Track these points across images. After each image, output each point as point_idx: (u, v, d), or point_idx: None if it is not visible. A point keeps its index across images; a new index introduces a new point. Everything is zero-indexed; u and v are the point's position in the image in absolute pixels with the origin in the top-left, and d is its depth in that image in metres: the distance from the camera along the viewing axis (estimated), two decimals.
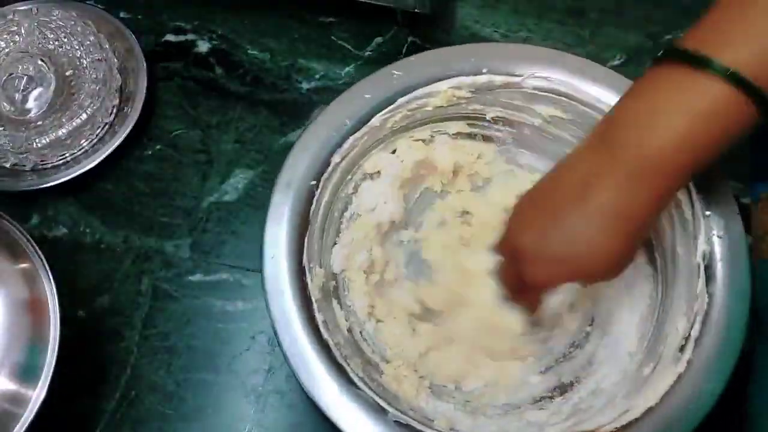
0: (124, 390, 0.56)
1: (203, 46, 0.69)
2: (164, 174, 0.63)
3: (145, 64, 0.65)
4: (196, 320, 0.58)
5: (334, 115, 0.52)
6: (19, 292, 0.50)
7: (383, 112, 0.53)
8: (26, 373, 0.48)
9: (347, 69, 0.67)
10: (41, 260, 0.51)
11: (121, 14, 0.69)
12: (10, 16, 0.65)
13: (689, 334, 0.46)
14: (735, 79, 0.37)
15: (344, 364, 0.46)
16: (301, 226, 0.50)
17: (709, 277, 0.47)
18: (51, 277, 0.50)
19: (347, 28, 0.69)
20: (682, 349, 0.46)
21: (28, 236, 0.51)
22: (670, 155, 0.39)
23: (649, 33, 0.69)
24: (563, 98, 0.53)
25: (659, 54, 0.41)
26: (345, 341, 0.49)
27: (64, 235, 0.61)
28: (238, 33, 0.69)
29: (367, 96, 0.53)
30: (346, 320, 0.52)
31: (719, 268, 0.47)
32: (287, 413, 0.55)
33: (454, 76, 0.53)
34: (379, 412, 0.44)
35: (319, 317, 0.47)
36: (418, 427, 0.44)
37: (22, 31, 0.65)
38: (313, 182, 0.51)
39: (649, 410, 0.44)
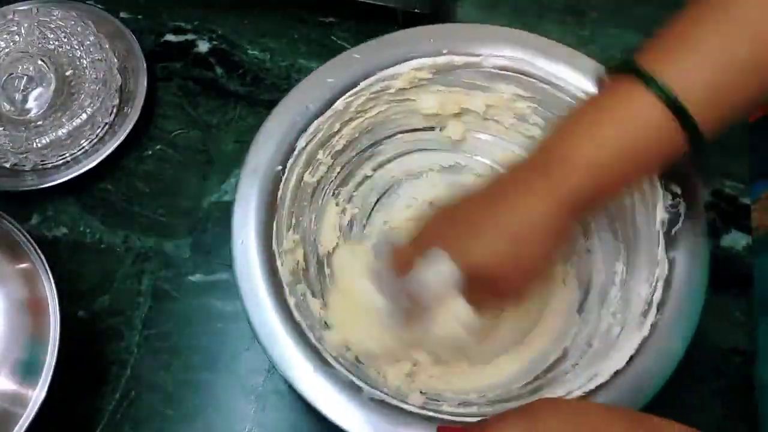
0: (124, 390, 0.56)
1: (203, 46, 0.69)
2: (164, 174, 0.63)
3: (145, 64, 0.65)
4: (196, 320, 0.58)
5: (297, 99, 0.53)
6: (19, 292, 0.50)
7: (347, 95, 0.53)
8: (26, 373, 0.48)
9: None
10: (41, 260, 0.51)
11: (121, 14, 0.69)
12: (10, 16, 0.65)
13: (651, 299, 0.47)
14: (672, 104, 0.37)
15: (317, 345, 0.46)
16: (270, 212, 0.50)
17: (669, 243, 0.48)
18: (51, 277, 0.50)
19: (347, 28, 0.69)
20: (645, 313, 0.46)
21: (28, 236, 0.51)
22: (592, 168, 0.40)
23: (649, 33, 0.69)
24: (523, 76, 0.53)
25: (616, 64, 0.42)
26: (317, 323, 0.50)
27: (64, 235, 0.61)
28: (238, 33, 0.69)
29: (329, 80, 0.53)
30: (320, 298, 0.53)
31: (678, 234, 0.48)
32: (287, 413, 0.55)
33: (415, 58, 0.54)
34: (354, 389, 0.45)
35: (290, 300, 0.48)
36: (393, 402, 0.44)
37: (22, 31, 0.65)
38: (279, 168, 0.51)
39: (617, 373, 0.45)
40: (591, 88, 0.50)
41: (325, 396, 0.44)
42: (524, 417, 0.35)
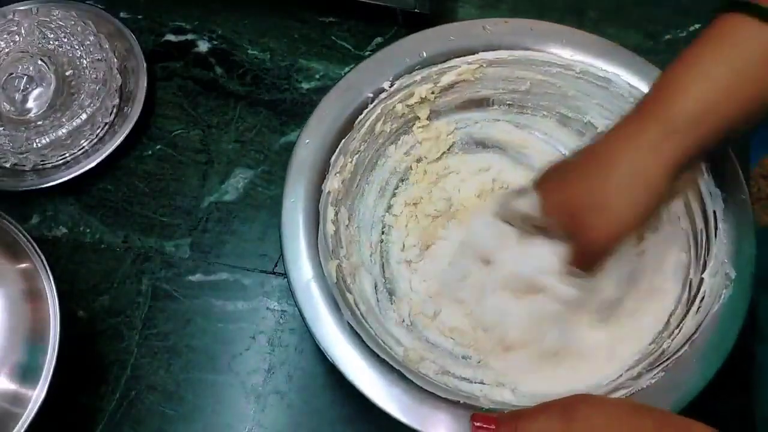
0: (124, 390, 0.56)
1: (203, 46, 0.69)
2: (164, 174, 0.63)
3: (145, 64, 0.65)
4: (196, 320, 0.58)
5: (403, 47, 0.56)
6: (19, 292, 0.50)
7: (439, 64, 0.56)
8: (26, 373, 0.48)
9: (347, 69, 0.67)
10: (41, 260, 0.51)
11: (121, 14, 0.69)
12: (10, 16, 0.65)
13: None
14: None
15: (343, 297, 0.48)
16: (344, 129, 0.52)
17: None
18: (51, 277, 0.50)
19: (347, 28, 0.69)
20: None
21: (28, 236, 0.51)
22: (701, 114, 0.40)
23: (649, 33, 0.69)
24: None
25: (719, 7, 0.41)
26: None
27: (64, 235, 0.61)
28: (238, 33, 0.69)
29: (453, 37, 0.57)
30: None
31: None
32: (287, 413, 0.55)
33: (494, 49, 0.57)
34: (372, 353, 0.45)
35: (321, 227, 0.49)
36: (408, 376, 0.44)
37: (22, 31, 0.65)
38: (371, 94, 0.54)
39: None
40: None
41: (347, 355, 0.45)
42: (561, 411, 0.35)
